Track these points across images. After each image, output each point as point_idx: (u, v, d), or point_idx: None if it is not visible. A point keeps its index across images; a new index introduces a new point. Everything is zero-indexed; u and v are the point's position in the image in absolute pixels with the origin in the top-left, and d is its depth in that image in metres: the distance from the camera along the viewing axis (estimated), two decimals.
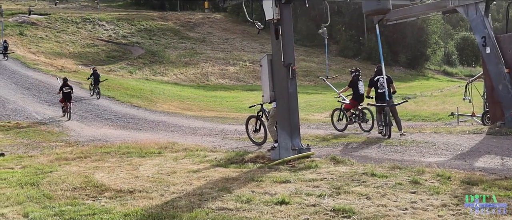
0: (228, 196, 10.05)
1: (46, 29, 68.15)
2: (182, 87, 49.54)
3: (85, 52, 62.67)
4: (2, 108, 30.58)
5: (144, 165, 14.03)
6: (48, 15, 73.42)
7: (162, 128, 24.73)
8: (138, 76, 53.23)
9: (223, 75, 58.15)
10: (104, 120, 28.03)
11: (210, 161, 14.05)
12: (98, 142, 20.03)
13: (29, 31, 65.82)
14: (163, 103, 36.23)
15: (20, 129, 25.31)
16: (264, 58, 14.07)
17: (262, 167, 12.78)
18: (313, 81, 58.31)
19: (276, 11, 13.24)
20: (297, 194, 9.96)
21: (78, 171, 13.56)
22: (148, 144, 17.45)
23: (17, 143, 20.98)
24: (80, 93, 35.72)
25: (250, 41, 72.72)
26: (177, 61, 62.38)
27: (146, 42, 68.53)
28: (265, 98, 14.37)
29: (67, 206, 10.04)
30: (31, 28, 66.85)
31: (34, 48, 59.55)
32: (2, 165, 15.33)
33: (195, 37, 73.13)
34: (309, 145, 14.02)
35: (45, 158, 16.13)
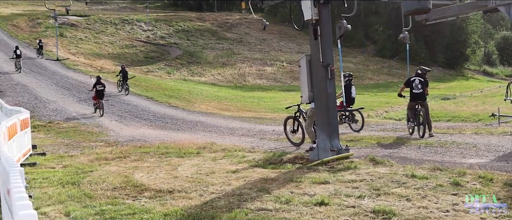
0: (267, 197, 10.04)
1: (86, 30, 69.02)
2: (220, 88, 49.73)
3: (123, 53, 63.33)
4: (43, 109, 31.02)
5: (183, 165, 14.10)
6: (88, 16, 74.33)
7: (200, 129, 24.82)
8: (176, 76, 53.59)
9: (260, 76, 58.23)
10: (142, 120, 28.25)
11: (249, 161, 14.06)
12: (137, 142, 20.19)
13: (69, 32, 66.74)
14: (201, 104, 36.38)
15: (61, 129, 25.67)
16: (303, 59, 14.04)
17: (300, 168, 12.75)
18: None
19: (315, 12, 13.20)
20: (337, 195, 9.92)
21: (118, 171, 13.68)
22: (186, 144, 17.52)
23: (58, 143, 21.27)
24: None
25: (287, 41, 72.65)
26: (215, 61, 62.61)
27: (183, 42, 68.93)
28: (304, 99, 14.33)
29: (108, 205, 10.15)
30: (71, 30, 67.78)
31: (73, 49, 60.36)
32: (44, 164, 15.54)
33: (232, 37, 73.31)
34: (348, 146, 13.95)
35: (85, 158, 16.32)
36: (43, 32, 66.31)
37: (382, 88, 53.39)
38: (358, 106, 21.59)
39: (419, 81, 17.46)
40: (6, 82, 39.75)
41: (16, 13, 74.64)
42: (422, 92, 17.38)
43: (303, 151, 15.00)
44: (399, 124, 22.48)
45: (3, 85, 38.34)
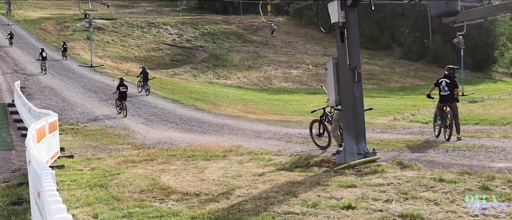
0: (294, 200, 10.03)
1: (112, 33, 69.56)
2: (246, 91, 49.78)
3: (150, 56, 63.68)
4: (70, 111, 31.32)
5: (210, 168, 14.13)
6: (114, 20, 74.91)
7: (226, 131, 24.86)
8: (201, 79, 53.77)
9: (286, 79, 58.17)
10: (169, 123, 28.38)
11: (275, 164, 14.05)
12: (164, 145, 20.27)
13: (96, 35, 67.21)
14: (226, 107, 36.46)
15: (88, 131, 25.91)
16: (330, 62, 14.00)
17: (327, 171, 12.71)
18: (377, 84, 57.76)
19: (342, 14, 13.15)
20: (364, 199, 9.87)
21: (145, 173, 13.76)
22: (213, 147, 17.57)
23: (85, 145, 21.45)
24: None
25: (313, 44, 72.49)
26: (240, 64, 62.69)
27: (209, 45, 69.11)
28: (330, 102, 14.30)
29: (135, 208, 10.21)
30: (98, 33, 68.29)
31: (100, 52, 60.81)
32: (72, 166, 15.69)
33: (258, 40, 73.32)
34: (374, 149, 13.86)
35: (112, 161, 16.44)
36: (70, 36, 66.97)
37: (409, 91, 53.01)
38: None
39: (446, 83, 17.26)
40: (35, 85, 40.20)
41: (44, 17, 75.46)
42: (449, 94, 17.16)
43: (330, 155, 14.94)
44: (426, 127, 22.28)
45: (31, 88, 38.78)
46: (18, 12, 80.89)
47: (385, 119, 30.72)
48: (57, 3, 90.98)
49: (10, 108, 32.58)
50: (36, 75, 44.54)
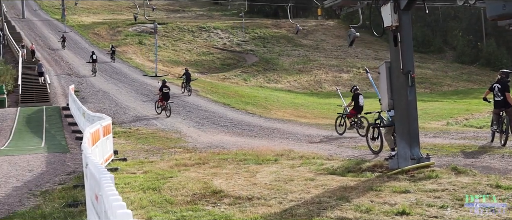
0: (347, 205, 9.95)
1: (164, 38, 70.29)
2: (296, 94, 49.72)
3: (200, 60, 64.18)
4: (123, 115, 31.77)
5: (261, 172, 14.13)
6: (166, 24, 75.70)
7: (277, 135, 24.85)
8: (252, 83, 53.92)
9: (336, 82, 57.82)
10: (220, 127, 28.52)
11: (327, 169, 13.97)
12: (215, 148, 20.38)
13: (148, 40, 68.09)
14: (277, 110, 36.45)
15: (141, 135, 26.22)
16: (383, 66, 13.86)
17: (380, 176, 12.58)
18: (429, 88, 57.00)
19: (395, 18, 13.02)
20: (418, 204, 9.73)
21: (197, 177, 13.83)
22: (264, 151, 17.57)
23: (138, 149, 21.70)
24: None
25: (363, 48, 71.94)
26: (291, 68, 62.65)
27: (260, 49, 69.27)
28: (383, 106, 14.16)
29: (188, 211, 10.27)
30: (150, 37, 69.07)
31: (152, 56, 61.51)
32: (125, 169, 15.88)
33: (308, 44, 73.18)
34: (428, 154, 13.65)
35: (165, 164, 16.58)
36: (122, 40, 67.98)
37: (462, 95, 52.17)
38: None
39: (498, 88, 16.91)
40: (88, 88, 40.92)
41: (97, 22, 76.76)
42: (502, 99, 16.79)
43: (382, 159, 14.79)
44: (481, 132, 21.88)
45: (85, 92, 39.48)
46: (72, 17, 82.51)
47: (437, 124, 30.28)
48: (109, 8, 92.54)
49: (64, 112, 33.26)
50: (88, 77, 45.54)
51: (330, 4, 15.68)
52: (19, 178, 16.08)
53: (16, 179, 15.91)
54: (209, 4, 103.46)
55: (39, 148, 23.49)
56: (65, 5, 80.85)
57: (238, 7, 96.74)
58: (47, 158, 20.14)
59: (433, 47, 73.62)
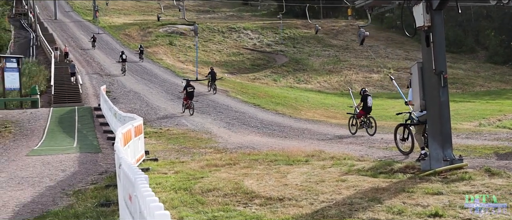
0: (378, 207, 9.89)
1: (194, 38, 70.51)
2: (326, 95, 49.58)
3: (230, 60, 64.33)
4: (154, 115, 31.98)
5: (292, 173, 14.10)
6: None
7: (308, 136, 24.79)
8: (282, 84, 53.90)
9: (367, 83, 57.52)
10: (250, 127, 28.55)
11: (358, 170, 13.89)
12: (246, 149, 20.39)
13: (178, 40, 68.48)
14: (307, 111, 36.40)
15: (171, 135, 26.37)
16: (415, 66, 13.74)
17: (412, 178, 12.46)
18: (461, 88, 56.41)
19: (427, 18, 12.89)
20: (451, 206, 9.63)
21: (228, 177, 13.85)
22: (295, 152, 17.54)
23: (169, 149, 21.82)
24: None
25: (394, 48, 71.54)
26: (321, 68, 62.51)
27: (289, 50, 69.24)
28: (416, 107, 14.05)
29: (219, 211, 10.29)
30: (180, 38, 69.52)
31: (182, 57, 61.87)
32: (156, 170, 15.98)
33: (338, 44, 72.96)
34: (461, 156, 13.49)
35: (196, 164, 16.65)
36: (153, 41, 68.42)
37: (494, 95, 51.49)
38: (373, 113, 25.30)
39: None
40: (119, 89, 41.26)
41: (128, 23, 77.39)
42: None
43: (414, 161, 14.66)
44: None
45: (116, 92, 39.82)
46: (103, 18, 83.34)
47: (470, 124, 29.96)
48: (140, 9, 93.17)
49: (96, 112, 33.57)
50: (118, 77, 46.01)
51: (361, 4, 15.59)
52: (52, 177, 16.29)
53: (49, 178, 16.12)
54: (239, 5, 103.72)
55: (71, 148, 23.76)
56: (97, 6, 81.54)
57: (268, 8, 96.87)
58: (79, 158, 20.37)
59: (465, 47, 72.87)
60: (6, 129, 29.60)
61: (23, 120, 31.51)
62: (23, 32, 75.18)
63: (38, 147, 24.64)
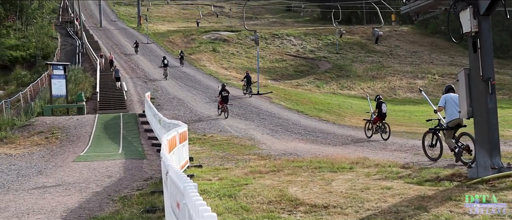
0: (425, 215, 9.76)
1: (237, 45, 70.89)
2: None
3: (274, 67, 64.38)
4: (198, 122, 32.17)
5: (337, 180, 14.02)
6: (239, 31, 76.31)
7: (351, 143, 24.67)
8: (325, 90, 53.74)
9: (411, 89, 57.02)
10: (293, 134, 28.51)
11: (403, 177, 13.74)
12: (290, 156, 20.36)
13: (221, 47, 68.84)
14: (351, 117, 36.18)
15: (215, 141, 26.48)
16: (461, 72, 13.55)
17: (459, 186, 12.27)
18: (508, 94, 55.43)
19: (474, 24, 12.71)
20: (500, 216, 9.43)
21: (272, 184, 13.83)
22: (339, 159, 17.44)
23: (213, 156, 21.91)
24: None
25: (439, 53, 70.73)
26: (364, 75, 62.13)
27: (332, 56, 69.00)
28: (462, 114, 13.83)
29: (264, 219, 10.27)
30: (223, 45, 69.88)
31: (226, 63, 62.13)
32: (201, 176, 16.04)
33: (382, 50, 72.44)
34: (509, 164, 13.24)
35: (240, 171, 16.66)
36: (196, 48, 68.93)
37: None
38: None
39: None
40: (163, 96, 41.65)
41: (171, 30, 78.12)
42: None
43: (461, 168, 14.43)
44: None
45: (160, 99, 40.19)
46: (148, 25, 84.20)
47: None
48: (184, 17, 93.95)
49: (140, 118, 33.92)
50: (160, 81, 46.66)
51: (407, 10, 15.45)
52: (98, 183, 16.50)
53: (96, 184, 16.33)
54: (282, 11, 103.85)
55: (116, 154, 24.05)
56: (146, 16, 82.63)
57: (311, 14, 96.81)
58: (124, 164, 20.60)
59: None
60: (53, 135, 30.14)
61: (70, 127, 32.02)
62: (69, 40, 76.53)
63: (84, 153, 25.00)
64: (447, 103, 16.17)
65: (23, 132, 31.54)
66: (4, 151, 27.26)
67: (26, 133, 31.14)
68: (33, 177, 18.79)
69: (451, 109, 15.98)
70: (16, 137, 30.39)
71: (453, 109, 15.82)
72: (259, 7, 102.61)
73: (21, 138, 30.11)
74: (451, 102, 16.00)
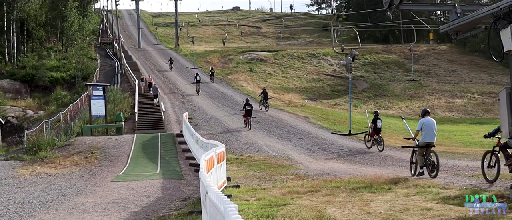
0: None
1: (274, 65, 71.06)
2: (408, 121, 48.60)
3: (310, 86, 64.31)
4: (235, 142, 32.19)
5: (375, 200, 13.87)
6: (276, 52, 76.52)
7: (390, 163, 24.44)
8: (363, 109, 53.31)
9: (450, 108, 56.40)
10: (331, 153, 28.38)
11: (444, 198, 13.53)
12: (327, 176, 20.24)
13: (258, 67, 69.05)
14: (389, 137, 35.79)
15: (252, 161, 26.45)
16: (503, 91, 13.35)
17: None
18: None
19: None
20: None
21: (310, 205, 13.74)
22: (377, 179, 17.27)
23: (250, 175, 21.88)
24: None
25: (478, 72, 69.92)
26: (402, 94, 61.67)
27: (370, 75, 68.71)
28: (504, 133, 13.60)
29: None
30: (260, 65, 70.08)
31: (263, 83, 62.19)
32: (238, 196, 16.01)
33: (419, 69, 71.90)
34: None
35: (277, 191, 16.59)
36: (233, 68, 69.26)
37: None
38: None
39: None
40: (201, 116, 41.85)
41: (209, 50, 78.66)
42: None
43: (503, 189, 14.18)
44: None
45: (198, 119, 40.37)
46: (185, 46, 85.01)
47: None
48: (221, 37, 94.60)
49: (178, 139, 34.08)
50: (192, 96, 47.24)
51: (446, 29, 15.30)
52: (136, 203, 16.59)
53: (134, 204, 16.42)
54: (318, 31, 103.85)
55: (154, 174, 24.16)
56: (193, 38, 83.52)
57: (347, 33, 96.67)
58: (162, 184, 20.69)
59: None
60: (92, 155, 30.44)
61: (108, 146, 32.31)
62: (108, 61, 77.62)
63: (123, 173, 25.19)
64: (423, 127, 18.18)
65: (63, 152, 31.92)
66: (45, 171, 27.60)
67: (65, 153, 31.51)
68: (72, 196, 18.98)
69: (426, 131, 18.15)
70: (56, 156, 30.77)
71: (428, 131, 18.13)
72: (296, 27, 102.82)
73: (61, 158, 30.47)
74: (427, 126, 18.14)
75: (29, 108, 60.26)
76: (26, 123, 54.08)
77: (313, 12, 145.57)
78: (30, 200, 18.41)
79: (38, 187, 22.05)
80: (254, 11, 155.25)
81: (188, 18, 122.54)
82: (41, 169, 28.08)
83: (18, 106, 60.58)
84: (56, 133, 38.58)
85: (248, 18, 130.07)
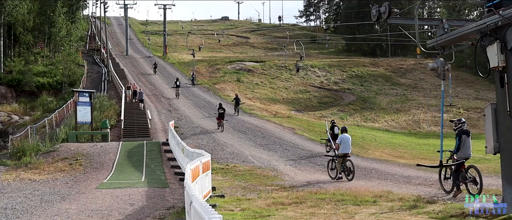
0: None
1: (261, 75, 71.11)
2: (394, 134, 48.85)
3: (297, 98, 64.38)
4: (221, 152, 32.15)
5: (360, 213, 13.90)
6: (263, 62, 76.61)
7: (375, 176, 24.48)
8: (349, 122, 53.40)
9: (436, 123, 56.52)
10: (316, 165, 28.38)
11: (428, 213, 13.57)
12: (313, 188, 20.24)
13: (246, 77, 69.07)
14: (374, 150, 35.93)
15: (238, 171, 26.43)
16: (488, 107, 13.43)
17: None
18: None
19: (502, 59, 12.59)
20: None
21: (295, 216, 13.75)
22: (362, 192, 17.32)
23: (235, 186, 21.85)
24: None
25: (464, 87, 70.27)
26: (388, 107, 61.83)
27: (357, 88, 68.88)
28: (489, 149, 13.66)
29: None
30: (248, 75, 70.14)
31: (250, 93, 62.22)
32: (223, 206, 15.98)
33: (406, 83, 72.17)
34: None
35: (262, 202, 16.59)
36: (221, 77, 69.26)
37: None
38: None
39: None
40: (187, 125, 41.78)
41: (197, 59, 78.57)
42: None
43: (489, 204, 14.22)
44: None
45: (184, 128, 40.30)
46: (173, 54, 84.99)
47: None
48: (209, 46, 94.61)
49: (164, 147, 33.99)
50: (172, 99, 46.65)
51: (433, 44, 15.41)
52: (121, 211, 16.51)
53: (118, 212, 16.34)
54: (306, 43, 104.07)
55: (139, 182, 24.08)
56: (193, 49, 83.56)
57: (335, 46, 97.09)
58: (147, 192, 20.61)
59: None
60: (77, 161, 30.29)
61: (94, 153, 32.17)
62: (96, 67, 77.43)
63: (107, 180, 25.08)
64: (342, 141, 22.67)
65: (48, 158, 31.73)
66: (28, 177, 27.43)
67: (50, 159, 31.33)
68: (56, 203, 18.86)
69: (344, 145, 22.62)
70: (41, 162, 30.59)
71: (345, 145, 22.64)
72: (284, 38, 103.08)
73: (45, 164, 30.29)
74: (345, 140, 22.75)
75: (14, 113, 59.95)
76: (11, 128, 53.73)
77: (302, 23, 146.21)
78: (13, 206, 18.29)
79: (22, 192, 21.92)
80: (243, 21, 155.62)
81: (176, 26, 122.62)
82: (25, 175, 27.90)
83: (4, 111, 60.28)
84: (41, 139, 38.35)
85: (237, 28, 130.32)
